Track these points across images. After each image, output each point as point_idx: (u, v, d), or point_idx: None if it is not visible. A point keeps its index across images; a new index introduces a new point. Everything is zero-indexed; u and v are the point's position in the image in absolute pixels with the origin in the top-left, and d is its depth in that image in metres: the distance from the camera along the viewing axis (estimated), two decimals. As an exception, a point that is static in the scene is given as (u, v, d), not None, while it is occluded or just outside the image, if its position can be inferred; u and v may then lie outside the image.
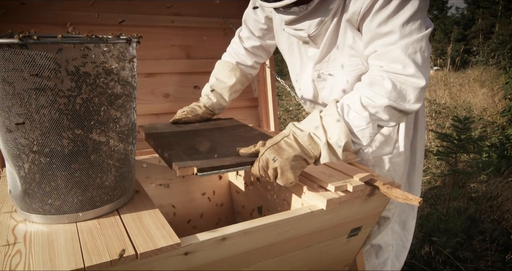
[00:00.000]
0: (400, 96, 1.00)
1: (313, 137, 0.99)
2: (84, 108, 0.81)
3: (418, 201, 0.93)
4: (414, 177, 1.45)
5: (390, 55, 1.00)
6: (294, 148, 0.97)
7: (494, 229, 2.17)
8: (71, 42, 0.75)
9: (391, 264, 1.55)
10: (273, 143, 1.00)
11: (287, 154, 0.97)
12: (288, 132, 1.01)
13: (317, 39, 1.20)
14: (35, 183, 0.83)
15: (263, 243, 0.95)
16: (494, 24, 13.71)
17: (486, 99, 5.45)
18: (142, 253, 0.75)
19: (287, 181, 0.98)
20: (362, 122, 0.99)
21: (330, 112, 1.00)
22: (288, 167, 0.96)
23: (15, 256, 0.73)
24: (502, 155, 2.97)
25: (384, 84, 0.99)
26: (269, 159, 0.97)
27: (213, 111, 1.48)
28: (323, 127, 0.98)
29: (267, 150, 0.98)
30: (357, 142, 1.01)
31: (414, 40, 0.98)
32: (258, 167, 0.99)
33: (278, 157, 0.96)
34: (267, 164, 0.97)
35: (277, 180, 0.98)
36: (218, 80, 1.46)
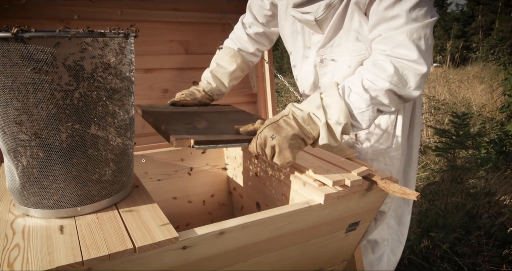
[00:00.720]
0: (401, 81, 1.00)
1: (313, 117, 0.98)
2: (82, 103, 0.81)
3: (415, 196, 0.93)
4: (410, 171, 1.46)
5: (394, 39, 1.00)
6: (293, 126, 0.97)
7: (492, 225, 2.18)
8: (68, 36, 0.75)
9: (387, 259, 1.56)
10: (272, 121, 0.99)
11: (286, 132, 0.96)
12: (287, 112, 1.00)
13: (323, 23, 1.20)
14: (33, 178, 0.83)
15: (261, 238, 0.95)
16: (494, 20, 13.69)
17: (485, 95, 5.46)
18: (140, 247, 0.75)
19: (284, 160, 0.97)
20: (363, 104, 0.99)
21: (330, 94, 1.00)
22: (286, 145, 0.95)
23: (13, 249, 0.73)
24: (501, 151, 2.98)
25: (386, 68, 1.00)
26: (267, 136, 0.96)
27: (212, 96, 1.47)
28: (323, 107, 0.98)
29: (266, 128, 0.97)
30: (356, 125, 1.01)
31: (420, 26, 0.99)
32: (256, 144, 0.98)
33: (276, 134, 0.95)
34: (265, 141, 0.96)
35: (274, 159, 0.97)
36: (219, 66, 1.45)
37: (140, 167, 1.42)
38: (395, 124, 1.34)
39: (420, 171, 3.28)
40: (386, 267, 1.57)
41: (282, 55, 19.48)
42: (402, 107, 1.32)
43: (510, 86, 3.20)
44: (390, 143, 1.34)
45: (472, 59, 10.04)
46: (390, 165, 1.36)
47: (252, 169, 1.40)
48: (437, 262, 1.99)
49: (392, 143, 1.34)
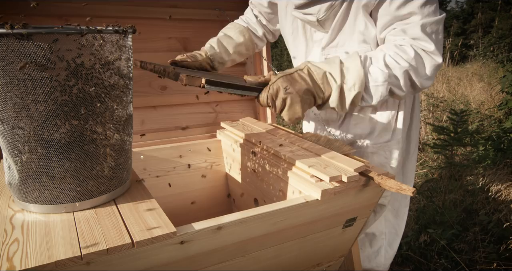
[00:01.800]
0: (418, 67, 1.04)
1: (328, 77, 0.98)
2: (81, 99, 0.81)
3: (411, 191, 0.94)
4: (408, 166, 1.48)
5: (410, 31, 1.04)
6: (307, 81, 0.96)
7: (489, 221, 2.19)
8: (66, 32, 0.75)
9: (385, 252, 1.57)
10: (286, 73, 0.97)
11: (300, 86, 0.95)
12: (303, 67, 0.99)
13: (325, 23, 1.21)
14: (32, 173, 0.84)
15: (259, 233, 0.96)
16: (493, 18, 13.67)
17: (484, 93, 5.46)
18: (138, 242, 0.76)
19: (294, 115, 0.95)
20: (381, 78, 1.01)
21: (352, 59, 1.00)
22: (298, 99, 0.94)
23: (12, 244, 0.74)
24: (499, 148, 2.99)
25: (407, 51, 1.03)
26: (280, 87, 0.94)
27: (213, 62, 1.44)
28: (341, 70, 0.98)
29: (280, 79, 0.95)
30: (366, 98, 1.02)
31: (433, 21, 1.02)
32: (267, 94, 0.95)
33: (290, 86, 0.93)
34: (277, 92, 0.94)
35: (283, 112, 0.96)
36: (226, 35, 1.45)
37: (139, 163, 1.43)
38: (396, 119, 1.35)
39: (419, 168, 3.29)
40: (384, 260, 1.58)
41: (281, 53, 19.45)
42: (403, 103, 1.33)
43: (508, 83, 3.20)
44: (390, 136, 1.36)
45: (471, 57, 10.04)
46: (390, 159, 1.38)
47: (250, 165, 1.41)
48: (435, 258, 2.00)
49: (392, 137, 1.36)
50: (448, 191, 2.62)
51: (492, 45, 9.14)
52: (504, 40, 8.91)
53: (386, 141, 1.36)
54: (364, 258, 1.56)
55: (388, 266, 1.63)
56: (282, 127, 1.53)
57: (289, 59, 1.49)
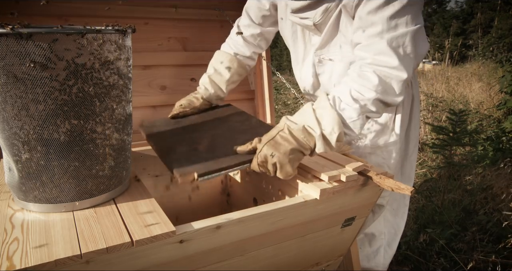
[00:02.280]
0: (386, 90, 1.03)
1: (308, 129, 1.01)
2: (80, 99, 0.81)
3: (409, 190, 0.94)
4: (406, 166, 1.49)
5: (375, 47, 1.03)
6: (290, 141, 1.00)
7: (488, 221, 2.19)
8: (65, 32, 0.75)
9: (384, 252, 1.58)
10: (269, 138, 1.02)
11: (284, 148, 0.99)
12: (282, 126, 1.03)
13: (322, 26, 1.23)
14: (32, 172, 0.84)
15: (258, 232, 0.97)
16: (493, 18, 13.69)
17: (483, 93, 5.47)
18: (137, 241, 0.76)
19: (287, 174, 1.00)
20: (354, 114, 1.02)
21: (322, 105, 1.03)
22: (286, 160, 0.99)
23: (12, 243, 0.74)
24: (498, 148, 3.00)
25: (370, 79, 1.02)
26: (267, 154, 0.99)
27: (211, 102, 1.49)
28: (316, 119, 1.01)
29: (264, 146, 1.01)
30: (349, 133, 1.04)
31: (399, 34, 1.01)
32: (257, 163, 1.01)
33: (275, 152, 0.99)
34: (266, 159, 1.00)
35: (277, 174, 1.01)
36: (216, 72, 1.46)
37: (138, 163, 1.43)
38: (394, 120, 1.36)
39: (418, 167, 3.30)
40: (383, 259, 1.59)
41: (281, 53, 19.47)
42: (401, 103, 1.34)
43: (507, 83, 3.21)
44: (388, 137, 1.37)
45: (471, 57, 10.06)
46: (388, 159, 1.39)
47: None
48: (433, 258, 2.00)
49: (390, 138, 1.37)
50: (447, 191, 2.63)
51: (491, 45, 9.16)
52: (504, 40, 8.93)
53: (383, 142, 1.37)
54: (363, 258, 1.56)
55: (387, 265, 1.64)
56: (281, 127, 1.53)
57: (289, 59, 1.50)
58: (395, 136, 1.36)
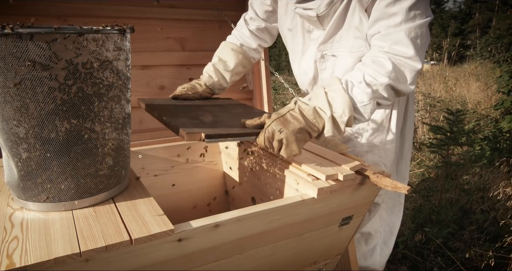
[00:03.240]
0: (398, 77, 1.06)
1: (318, 111, 1.02)
2: (79, 98, 0.82)
3: (406, 189, 0.95)
4: (402, 165, 1.50)
5: (393, 36, 1.06)
6: (299, 120, 1.00)
7: (485, 220, 2.20)
8: (65, 32, 0.76)
9: (380, 250, 1.59)
10: (279, 115, 1.02)
11: (293, 126, 0.99)
12: (293, 106, 1.04)
13: (325, 19, 1.24)
14: (31, 172, 0.85)
15: (256, 231, 0.97)
16: (491, 18, 13.72)
17: (481, 93, 5.49)
18: (136, 239, 0.77)
19: (291, 153, 1.00)
20: (365, 98, 1.04)
21: (334, 88, 1.04)
22: (293, 138, 0.99)
23: (12, 241, 0.75)
24: (495, 148, 3.01)
25: (385, 65, 1.05)
26: (275, 130, 0.99)
27: (213, 90, 1.49)
28: (328, 101, 1.02)
29: (274, 122, 1.00)
30: (358, 117, 1.06)
31: (417, 25, 1.04)
32: (263, 137, 1.01)
33: (284, 128, 0.99)
34: (273, 135, 1.00)
35: (281, 152, 1.01)
36: (221, 60, 1.47)
37: (137, 162, 1.44)
38: (389, 119, 1.37)
39: (415, 167, 3.31)
40: (379, 258, 1.60)
41: (280, 53, 19.47)
42: (396, 102, 1.35)
43: (505, 83, 3.23)
44: (385, 136, 1.39)
45: (469, 57, 10.09)
46: (385, 157, 1.40)
47: (247, 164, 1.42)
48: (430, 257, 2.02)
49: (387, 136, 1.39)
50: (445, 190, 2.64)
51: (489, 46, 9.18)
52: (502, 41, 8.95)
53: (380, 140, 1.39)
54: (360, 257, 1.58)
55: (384, 264, 1.65)
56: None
57: (287, 59, 1.51)
58: (391, 134, 1.38)
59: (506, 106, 3.16)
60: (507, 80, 3.23)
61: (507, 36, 9.19)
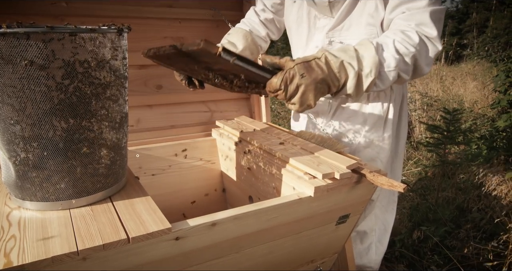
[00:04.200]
0: (422, 53, 1.08)
1: (345, 65, 0.99)
2: (76, 98, 0.82)
3: (402, 188, 0.96)
4: (396, 163, 1.53)
5: (418, 17, 1.08)
6: (324, 70, 0.96)
7: (481, 218, 2.22)
8: (62, 31, 0.76)
9: (375, 248, 1.60)
10: (303, 60, 0.96)
11: (316, 74, 0.94)
12: (320, 55, 0.99)
13: (335, 6, 1.24)
14: (29, 171, 0.85)
15: (253, 229, 0.98)
16: (488, 18, 13.76)
17: (477, 92, 5.51)
18: (133, 237, 0.77)
19: (305, 102, 0.94)
20: (393, 63, 1.04)
21: (365, 47, 1.03)
22: (312, 87, 0.93)
23: (9, 240, 0.75)
24: (491, 146, 3.03)
25: (412, 37, 1.07)
26: (297, 73, 0.93)
27: None
28: (357, 57, 1.00)
29: (297, 65, 0.94)
30: (379, 84, 1.05)
31: (439, 10, 1.09)
32: (282, 77, 0.93)
33: (306, 74, 0.93)
34: (293, 78, 0.93)
35: (295, 99, 0.94)
36: (230, 43, 1.48)
37: (134, 161, 1.44)
38: (386, 115, 1.40)
39: (412, 166, 3.32)
40: (375, 256, 1.61)
41: (277, 53, 19.45)
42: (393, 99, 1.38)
43: (501, 82, 3.24)
44: (382, 132, 1.41)
45: (466, 56, 10.12)
46: (381, 153, 1.43)
47: (245, 163, 1.43)
48: (427, 255, 2.03)
49: (384, 133, 1.40)
50: (441, 189, 2.66)
51: (486, 45, 9.21)
52: (499, 40, 8.97)
53: (377, 136, 1.40)
54: (355, 255, 1.58)
55: (379, 261, 1.66)
56: (277, 126, 1.55)
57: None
58: (388, 131, 1.40)
59: (502, 105, 3.18)
60: (504, 79, 3.25)
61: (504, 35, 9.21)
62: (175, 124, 1.66)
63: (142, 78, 1.63)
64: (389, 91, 1.39)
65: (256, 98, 1.88)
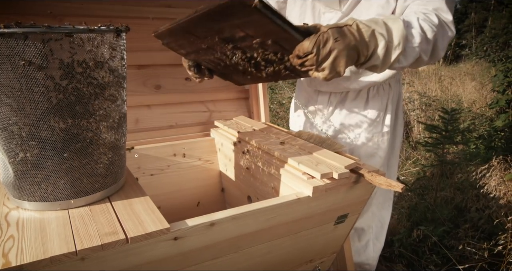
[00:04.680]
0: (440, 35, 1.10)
1: (376, 34, 0.97)
2: (75, 98, 0.82)
3: (400, 188, 0.96)
4: (392, 161, 1.55)
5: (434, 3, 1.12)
6: (356, 37, 0.94)
7: (479, 218, 2.22)
8: (60, 31, 0.76)
9: (373, 245, 1.61)
10: (336, 25, 0.93)
11: (349, 40, 0.92)
12: (351, 23, 0.97)
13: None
14: (27, 171, 0.85)
15: (251, 229, 0.98)
16: (487, 18, 13.78)
17: (476, 92, 5.52)
18: (132, 238, 0.77)
19: (336, 68, 0.90)
20: (418, 39, 1.05)
21: (394, 21, 1.02)
22: (345, 52, 0.90)
23: (8, 241, 0.75)
24: (490, 146, 3.03)
25: (432, 18, 1.09)
26: (331, 37, 0.88)
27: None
28: (387, 29, 0.99)
29: (331, 29, 0.91)
30: (402, 60, 1.04)
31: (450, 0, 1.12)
32: (315, 40, 0.88)
33: (340, 38, 0.90)
34: (326, 41, 0.88)
35: (325, 64, 0.90)
36: None
37: (133, 161, 1.44)
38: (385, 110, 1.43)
39: (411, 166, 3.33)
40: (373, 253, 1.62)
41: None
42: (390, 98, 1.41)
43: (499, 82, 3.25)
44: (380, 128, 1.43)
45: (464, 56, 10.14)
46: (380, 149, 1.45)
47: (243, 163, 1.43)
48: (426, 254, 2.03)
49: (382, 129, 1.43)
50: (440, 189, 2.66)
51: (485, 45, 9.23)
52: (497, 40, 8.99)
53: (376, 132, 1.43)
54: (353, 253, 1.60)
55: (377, 258, 1.67)
56: (276, 126, 1.55)
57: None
58: (386, 127, 1.43)
59: (501, 105, 3.19)
60: (502, 79, 3.26)
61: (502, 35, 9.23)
62: (173, 124, 1.66)
63: (140, 78, 1.62)
64: (388, 88, 1.40)
65: (255, 99, 1.88)
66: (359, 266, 1.66)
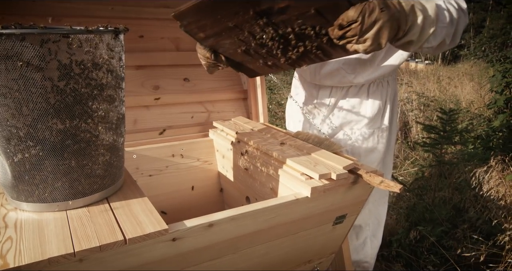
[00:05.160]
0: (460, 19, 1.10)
1: (415, 9, 0.95)
2: (73, 99, 0.82)
3: (398, 188, 0.96)
4: (387, 158, 1.56)
5: None
6: (398, 9, 0.91)
7: (477, 218, 2.23)
8: (58, 32, 0.76)
9: (370, 243, 1.62)
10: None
11: (393, 11, 0.89)
12: None
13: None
14: (25, 172, 0.85)
15: (250, 230, 0.98)
16: (485, 18, 13.81)
17: (474, 92, 5.54)
18: (130, 239, 0.77)
19: (378, 39, 0.87)
20: (446, 20, 1.05)
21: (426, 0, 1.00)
22: (389, 24, 0.87)
23: (6, 242, 0.75)
24: (488, 146, 3.04)
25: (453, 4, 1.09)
26: (377, 7, 0.85)
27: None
28: (422, 6, 0.97)
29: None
30: (430, 41, 1.03)
31: None
32: (360, 8, 0.84)
33: (386, 9, 0.88)
34: (372, 11, 0.85)
35: (367, 34, 0.87)
36: None
37: (131, 162, 1.44)
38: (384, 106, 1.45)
39: (409, 166, 3.33)
40: (370, 250, 1.63)
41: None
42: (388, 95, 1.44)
43: (497, 83, 3.25)
44: (379, 124, 1.46)
45: (463, 56, 10.16)
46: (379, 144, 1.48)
47: (242, 164, 1.43)
48: (424, 255, 2.03)
49: (381, 124, 1.46)
50: (438, 189, 2.66)
51: (483, 45, 9.26)
52: (495, 40, 9.02)
53: (376, 127, 1.46)
54: (352, 251, 1.61)
55: (375, 255, 1.68)
56: (274, 127, 1.55)
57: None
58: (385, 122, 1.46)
59: (499, 105, 3.19)
60: (500, 79, 3.26)
61: (500, 36, 9.26)
62: (172, 125, 1.66)
63: (139, 79, 1.62)
64: (386, 85, 1.45)
65: (253, 99, 1.88)
66: (357, 264, 1.67)
